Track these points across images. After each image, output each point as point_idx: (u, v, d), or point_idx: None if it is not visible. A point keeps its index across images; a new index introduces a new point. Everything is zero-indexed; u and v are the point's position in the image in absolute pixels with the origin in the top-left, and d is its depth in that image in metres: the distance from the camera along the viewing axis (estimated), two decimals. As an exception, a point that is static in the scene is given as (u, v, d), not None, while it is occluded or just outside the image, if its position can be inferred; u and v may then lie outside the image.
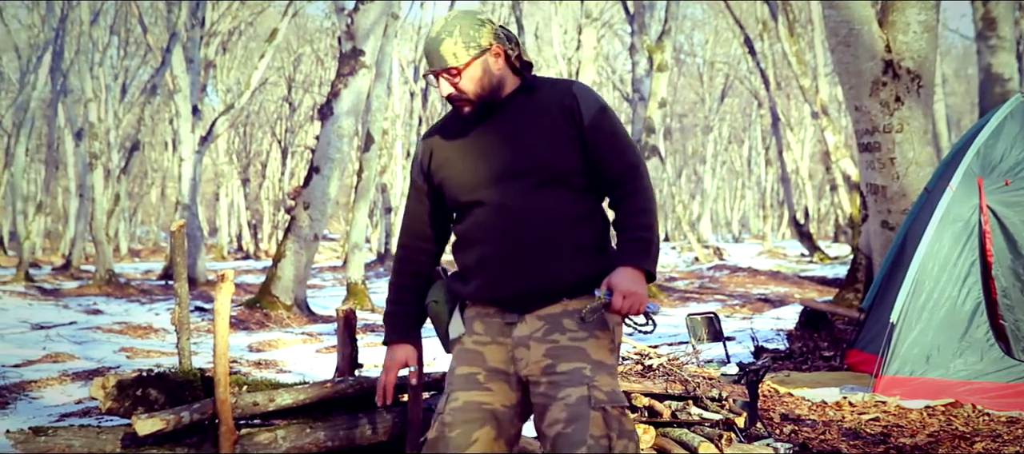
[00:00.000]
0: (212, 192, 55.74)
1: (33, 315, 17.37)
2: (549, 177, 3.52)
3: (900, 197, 10.17)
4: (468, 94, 3.55)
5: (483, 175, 3.55)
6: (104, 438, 3.83)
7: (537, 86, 3.65)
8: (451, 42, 3.51)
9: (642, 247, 3.49)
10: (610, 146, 3.58)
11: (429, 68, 3.57)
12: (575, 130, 3.55)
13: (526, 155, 3.52)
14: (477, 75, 3.55)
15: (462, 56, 3.52)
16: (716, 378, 5.36)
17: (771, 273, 25.92)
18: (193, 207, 26.45)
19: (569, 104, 3.57)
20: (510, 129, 3.58)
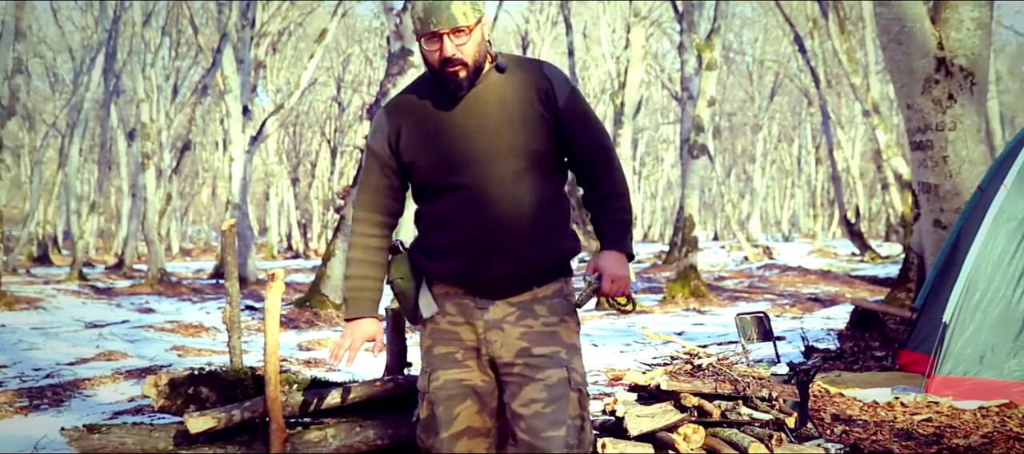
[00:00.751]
0: (262, 192, 56.08)
1: (87, 313, 17.57)
2: (527, 160, 3.54)
3: (953, 196, 10.06)
4: (467, 59, 3.50)
5: (462, 157, 3.53)
6: (156, 436, 3.86)
7: (508, 66, 3.62)
8: (460, 2, 3.47)
9: (622, 229, 3.60)
10: (583, 128, 3.63)
11: (431, 28, 3.47)
12: (550, 112, 3.57)
13: (506, 138, 3.52)
14: (479, 40, 3.54)
15: (470, 17, 3.49)
16: (766, 378, 5.33)
17: (821, 272, 25.72)
18: (243, 206, 26.63)
19: (544, 86, 3.58)
20: (488, 110, 3.55)
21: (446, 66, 3.49)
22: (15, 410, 8.68)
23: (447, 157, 3.55)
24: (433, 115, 3.60)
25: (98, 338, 13.79)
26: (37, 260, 36.21)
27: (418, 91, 3.69)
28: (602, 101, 47.82)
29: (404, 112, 3.67)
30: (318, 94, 50.68)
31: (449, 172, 3.54)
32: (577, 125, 3.62)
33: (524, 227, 3.52)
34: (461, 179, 3.53)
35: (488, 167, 3.51)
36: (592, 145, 3.65)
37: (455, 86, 3.53)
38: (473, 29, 3.50)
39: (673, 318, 16.92)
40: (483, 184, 3.51)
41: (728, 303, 19.29)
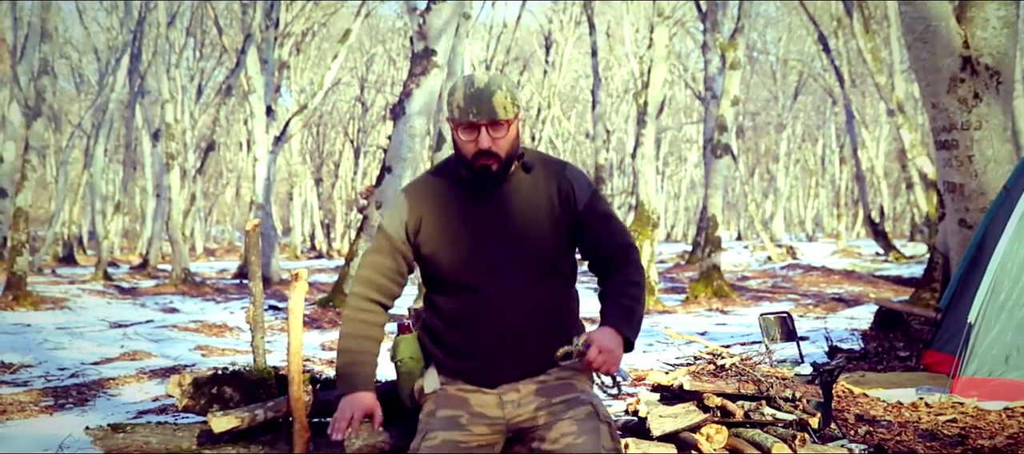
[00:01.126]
0: (286, 192, 56.26)
1: (111, 313, 17.66)
2: (544, 264, 3.57)
3: (978, 195, 10.00)
4: (501, 153, 3.51)
5: (482, 260, 3.55)
6: (180, 435, 3.88)
7: (535, 165, 3.64)
8: (502, 95, 3.48)
9: (627, 314, 3.54)
10: (604, 229, 3.65)
11: (470, 118, 3.47)
12: (569, 215, 3.60)
13: (528, 243, 3.55)
14: (513, 136, 3.54)
15: (511, 111, 3.50)
16: (789, 378, 5.30)
17: (845, 272, 25.63)
18: (267, 207, 26.71)
19: (566, 189, 3.61)
20: (511, 210, 3.57)
21: (479, 158, 3.50)
22: (40, 409, 8.73)
23: (467, 258, 3.57)
24: (456, 209, 3.61)
25: (123, 338, 13.86)
26: (62, 260, 36.41)
27: (441, 179, 3.68)
28: (625, 101, 47.77)
29: (426, 201, 3.67)
30: (341, 94, 50.80)
31: (468, 273, 3.57)
32: (598, 226, 3.65)
33: (538, 331, 3.57)
34: (479, 282, 3.55)
35: (507, 273, 3.55)
36: (613, 245, 3.67)
37: (484, 179, 3.53)
38: (511, 123, 3.51)
39: (696, 318, 16.88)
40: (500, 290, 3.54)
41: (751, 303, 19.24)
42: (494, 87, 3.47)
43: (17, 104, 19.35)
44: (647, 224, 19.17)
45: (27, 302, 17.55)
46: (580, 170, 3.73)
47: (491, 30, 43.88)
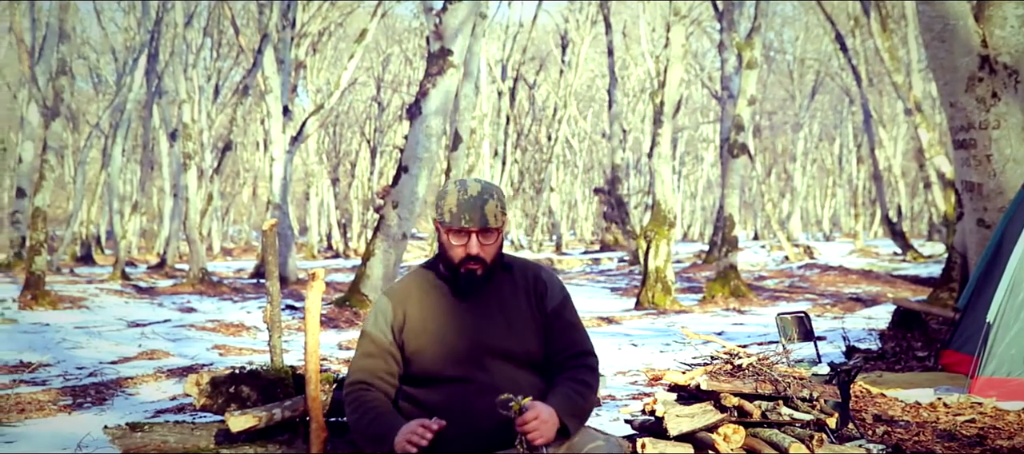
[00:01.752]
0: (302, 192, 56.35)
1: (129, 313, 17.72)
2: (524, 359, 3.68)
3: (997, 195, 9.96)
4: (488, 258, 3.67)
5: (466, 353, 3.65)
6: (198, 434, 3.89)
7: (513, 267, 3.80)
8: (494, 204, 3.64)
9: (573, 404, 3.59)
10: (569, 334, 3.77)
11: (462, 224, 3.61)
12: (541, 316, 3.72)
13: (509, 339, 3.67)
14: (500, 243, 3.71)
15: (499, 220, 3.67)
16: (807, 378, 5.29)
17: (863, 272, 25.55)
18: (284, 206, 26.77)
19: (541, 290, 3.76)
20: (493, 310, 3.70)
21: (467, 262, 3.65)
22: (59, 408, 8.76)
23: (452, 350, 3.66)
24: (439, 306, 3.73)
25: (140, 337, 13.90)
26: (80, 260, 36.53)
27: (423, 279, 3.82)
28: (642, 100, 47.72)
29: (410, 301, 3.77)
30: (358, 94, 50.89)
31: (452, 365, 3.65)
32: (563, 330, 3.77)
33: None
34: (464, 372, 3.64)
35: (491, 364, 3.65)
36: (574, 351, 3.77)
37: (469, 282, 3.68)
38: (500, 231, 3.68)
39: (713, 318, 16.86)
40: (485, 380, 3.63)
41: (768, 303, 19.20)
42: (486, 196, 3.64)
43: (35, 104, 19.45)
44: (663, 223, 19.15)
45: (46, 301, 17.62)
46: (555, 276, 3.90)
47: (507, 30, 43.89)
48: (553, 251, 45.37)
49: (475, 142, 36.58)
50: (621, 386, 9.54)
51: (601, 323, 16.17)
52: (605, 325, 15.96)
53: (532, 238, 51.81)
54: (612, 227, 39.96)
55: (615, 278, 28.15)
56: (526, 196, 52.75)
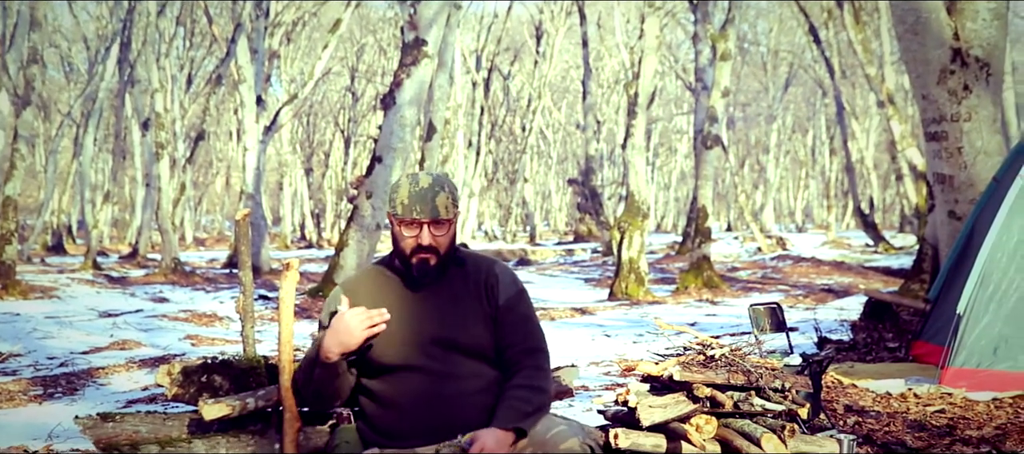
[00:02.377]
0: (276, 181, 56.19)
1: (101, 303, 17.65)
2: (475, 352, 3.70)
3: (968, 187, 10.03)
4: (441, 249, 3.71)
5: (418, 344, 3.69)
6: (170, 424, 3.88)
7: (466, 261, 3.83)
8: (444, 196, 3.69)
9: (519, 411, 3.58)
10: (520, 328, 3.77)
11: (413, 215, 3.66)
12: (492, 309, 3.74)
13: (458, 329, 3.70)
14: (452, 234, 3.75)
15: (451, 211, 3.71)
16: (779, 369, 5.31)
17: (835, 263, 25.68)
18: (257, 196, 26.68)
19: (491, 283, 3.78)
20: (444, 302, 3.73)
21: (419, 252, 3.69)
22: (29, 398, 8.72)
23: (403, 341, 3.69)
24: (392, 298, 3.76)
25: (112, 327, 13.84)
26: (51, 249, 36.34)
27: (377, 273, 3.86)
28: (616, 91, 47.78)
29: (362, 292, 3.81)
30: (332, 84, 50.78)
31: (403, 355, 3.69)
32: (513, 324, 3.78)
33: (474, 408, 3.64)
34: (415, 362, 3.68)
35: (440, 354, 3.68)
36: (526, 346, 3.77)
37: (422, 274, 3.72)
38: (451, 223, 3.72)
39: (686, 308, 16.91)
40: (435, 369, 3.67)
41: (741, 294, 19.28)
42: (437, 188, 3.68)
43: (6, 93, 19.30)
44: (637, 214, 19.18)
45: (16, 291, 17.52)
46: (509, 270, 3.91)
47: (482, 20, 43.87)
48: (527, 242, 45.41)
49: (449, 132, 36.54)
50: (594, 377, 9.56)
51: (574, 314, 16.19)
52: (578, 316, 15.99)
53: (506, 229, 51.84)
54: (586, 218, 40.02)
55: (589, 269, 28.20)
56: (500, 187, 52.80)
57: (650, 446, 5.05)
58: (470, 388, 3.67)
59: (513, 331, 3.75)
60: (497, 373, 3.74)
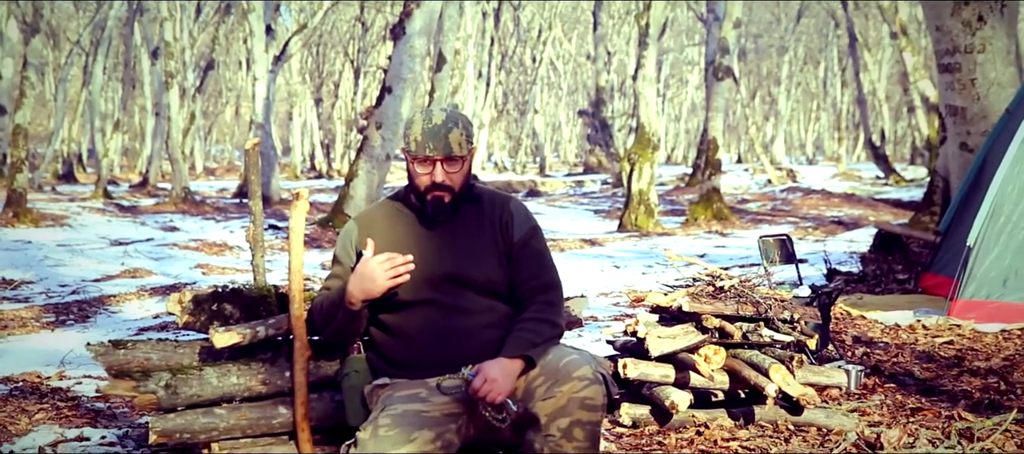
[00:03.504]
0: (285, 112, 56.08)
1: (112, 231, 17.70)
2: (488, 288, 3.70)
3: (980, 118, 9.97)
4: (454, 186, 3.69)
5: (430, 278, 3.68)
6: (181, 352, 3.90)
7: (482, 197, 3.82)
8: (458, 132, 3.65)
9: (527, 341, 3.57)
10: (533, 264, 3.76)
11: (427, 152, 3.63)
12: (506, 246, 3.74)
13: (471, 266, 3.70)
14: (466, 171, 3.73)
15: (465, 148, 3.67)
16: (788, 300, 5.32)
17: (845, 196, 25.63)
18: (267, 126, 26.64)
19: (506, 220, 3.77)
20: (458, 238, 3.73)
21: (433, 190, 3.68)
22: (42, 325, 8.77)
23: (417, 277, 3.67)
24: (405, 232, 3.76)
25: (123, 255, 13.90)
26: (62, 178, 36.40)
27: (392, 207, 3.84)
28: (627, 22, 47.46)
29: (376, 226, 3.81)
30: (341, 13, 50.39)
31: (415, 288, 3.68)
32: (527, 260, 3.77)
33: (485, 342, 3.63)
34: (426, 296, 3.68)
35: (453, 290, 3.68)
36: (539, 281, 3.76)
37: (437, 210, 3.71)
38: (466, 159, 3.69)
39: (695, 240, 16.92)
40: (449, 304, 3.68)
41: (751, 226, 19.27)
42: (451, 124, 3.64)
43: (15, 20, 19.24)
44: (647, 147, 19.13)
45: (27, 219, 17.57)
46: (524, 207, 3.90)
47: (492, -50, 43.48)
48: (537, 173, 45.35)
49: (459, 63, 36.38)
50: (603, 307, 9.59)
51: (584, 245, 16.21)
52: (588, 247, 16.01)
53: (516, 160, 51.73)
54: (596, 150, 39.95)
55: (598, 200, 28.18)
56: (510, 118, 52.64)
57: (659, 376, 5.08)
58: (481, 322, 3.68)
59: (526, 267, 3.74)
60: (509, 309, 3.74)
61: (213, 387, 3.80)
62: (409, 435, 3.41)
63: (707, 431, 5.12)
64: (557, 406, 3.46)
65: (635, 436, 5.09)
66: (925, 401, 5.73)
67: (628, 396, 5.23)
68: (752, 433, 5.13)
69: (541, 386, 3.52)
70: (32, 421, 5.40)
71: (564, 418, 3.45)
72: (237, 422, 3.81)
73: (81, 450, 4.90)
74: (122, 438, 5.09)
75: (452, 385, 3.49)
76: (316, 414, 3.89)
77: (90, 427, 5.30)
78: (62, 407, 5.70)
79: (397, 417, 3.47)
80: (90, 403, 5.83)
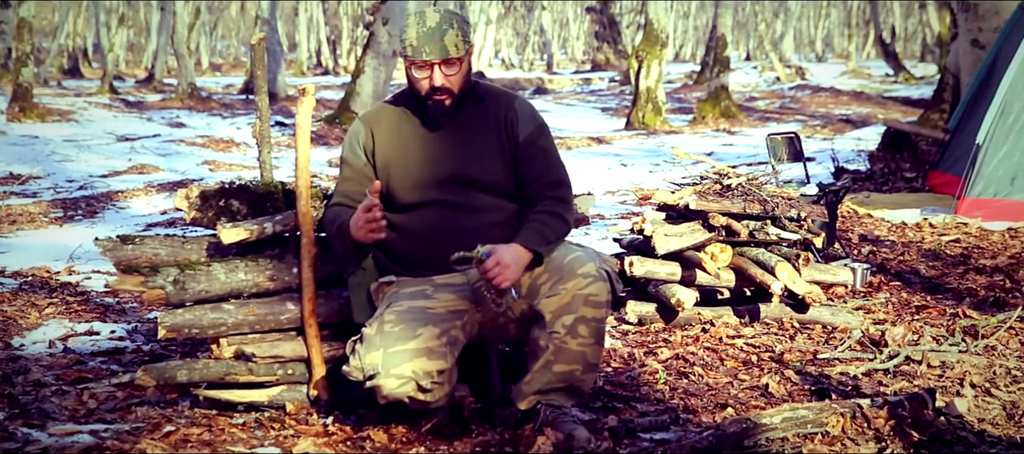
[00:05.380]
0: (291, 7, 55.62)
1: (118, 127, 17.68)
2: (494, 188, 3.69)
3: (992, 15, 9.88)
4: (454, 89, 3.64)
5: (436, 180, 3.68)
6: (189, 248, 3.91)
7: (485, 96, 3.76)
8: (453, 34, 3.59)
9: (539, 233, 3.56)
10: (540, 161, 3.72)
11: (423, 56, 3.58)
12: (511, 145, 3.70)
13: (476, 166, 3.68)
14: (465, 71, 3.67)
15: (461, 49, 3.61)
16: (795, 198, 5.32)
17: (854, 93, 25.49)
18: (273, 22, 26.47)
19: (511, 119, 3.72)
20: (462, 138, 3.70)
21: (433, 94, 3.63)
22: (50, 220, 8.81)
23: (420, 176, 3.69)
24: (410, 134, 3.73)
25: (130, 151, 13.90)
26: (68, 73, 36.24)
27: (396, 107, 3.80)
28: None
29: (381, 126, 3.78)
30: (347, -94, 49.87)
31: (421, 190, 3.68)
32: (534, 158, 3.72)
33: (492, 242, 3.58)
34: (432, 197, 3.68)
35: (458, 191, 3.67)
36: (548, 179, 3.72)
37: (438, 113, 3.67)
38: (463, 60, 3.63)
39: (703, 138, 16.88)
40: (455, 204, 3.67)
41: (759, 124, 19.20)
42: (445, 26, 3.59)
43: (17, -87, 19.02)
44: (655, 43, 18.99)
45: (34, 114, 17.54)
46: (529, 105, 3.84)
47: None
48: (544, 70, 45.09)
49: (466, -43, 36.02)
50: (610, 205, 9.60)
51: (591, 143, 16.18)
52: (595, 145, 15.98)
53: (523, 57, 51.47)
54: (603, 47, 39.64)
55: (606, 98, 28.05)
56: (517, 14, 52.24)
57: (665, 274, 5.10)
58: (488, 221, 3.68)
59: (533, 165, 3.71)
60: (516, 207, 3.73)
61: (221, 283, 3.82)
62: (414, 331, 3.44)
63: (713, 328, 5.15)
64: (561, 303, 3.48)
65: (641, 333, 5.12)
66: (930, 299, 5.76)
67: (634, 294, 5.25)
68: (758, 331, 5.16)
69: (546, 283, 3.53)
70: (42, 315, 5.45)
71: (568, 315, 3.47)
72: (245, 318, 3.84)
73: (91, 344, 4.94)
74: (131, 333, 5.13)
75: (463, 258, 3.48)
76: (323, 311, 3.91)
77: (99, 322, 5.35)
78: (71, 302, 5.75)
79: (402, 313, 3.50)
80: (99, 298, 5.87)
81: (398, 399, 3.46)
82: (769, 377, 4.42)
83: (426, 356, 3.43)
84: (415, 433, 3.68)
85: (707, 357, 4.76)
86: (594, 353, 3.55)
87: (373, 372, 3.42)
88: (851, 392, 4.19)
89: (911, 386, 4.28)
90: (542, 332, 3.51)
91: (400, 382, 3.41)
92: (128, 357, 4.70)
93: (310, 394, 3.93)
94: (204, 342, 4.12)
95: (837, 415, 3.64)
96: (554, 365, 3.53)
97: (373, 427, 3.73)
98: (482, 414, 3.86)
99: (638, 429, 3.79)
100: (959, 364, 4.53)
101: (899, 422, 3.63)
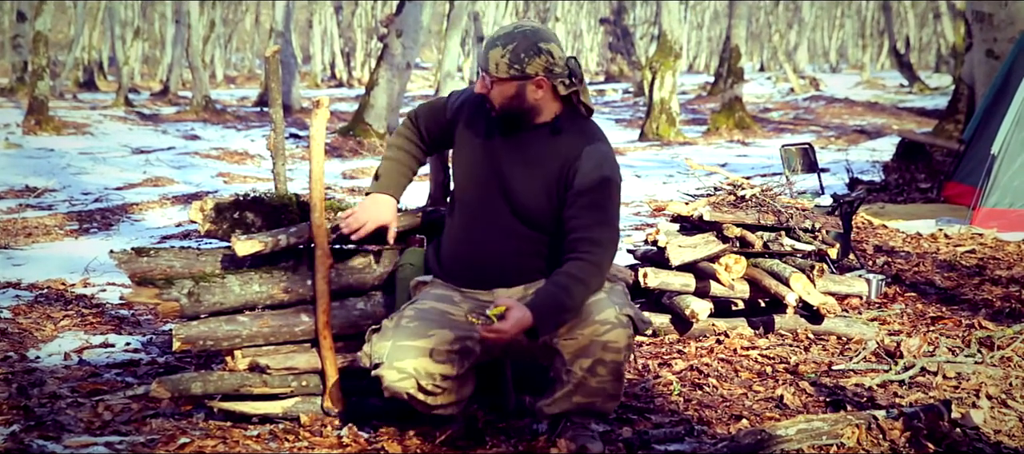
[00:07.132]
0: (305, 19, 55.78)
1: (133, 139, 17.74)
2: (528, 217, 3.66)
3: (1007, 25, 9.86)
4: (495, 102, 3.62)
5: (482, 188, 3.69)
6: (204, 260, 3.92)
7: (564, 131, 3.66)
8: (499, 52, 3.56)
9: (551, 306, 3.47)
10: (587, 215, 3.59)
11: (480, 64, 3.65)
12: (566, 187, 3.61)
13: (523, 193, 3.65)
14: (509, 94, 3.59)
15: (501, 70, 3.57)
16: (809, 209, 5.31)
17: (868, 104, 25.44)
18: (287, 34, 26.53)
19: (576, 162, 3.61)
20: (520, 160, 3.66)
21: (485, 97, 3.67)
22: (66, 233, 8.84)
23: (478, 180, 3.71)
24: (481, 133, 3.73)
25: (145, 164, 13.94)
26: (83, 85, 36.33)
27: (480, 106, 3.77)
28: (649, -73, 46.89)
29: (463, 112, 3.81)
30: (362, -81, 50.00)
31: (474, 189, 3.72)
32: (583, 209, 3.60)
33: (512, 263, 3.70)
34: (473, 201, 3.71)
35: (497, 203, 3.68)
36: (587, 235, 3.57)
37: (494, 119, 3.67)
38: (503, 83, 3.57)
39: (717, 149, 16.86)
40: (495, 214, 3.68)
41: (773, 134, 19.18)
42: (498, 44, 3.57)
43: (33, -73, 19.12)
44: (669, 54, 18.99)
45: (49, 127, 17.62)
46: (602, 156, 3.67)
47: None
48: (558, 81, 45.00)
49: (480, -31, 36.07)
50: (624, 217, 9.57)
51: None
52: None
53: (537, 68, 51.31)
54: (617, 58, 39.66)
55: (620, 109, 28.05)
56: (531, 25, 52.11)
57: (679, 285, 5.09)
58: (514, 248, 3.69)
59: (579, 215, 3.58)
60: (548, 239, 3.68)
61: (235, 295, 3.83)
62: (427, 330, 3.48)
63: (727, 340, 5.14)
64: (579, 346, 3.49)
65: (655, 344, 5.12)
66: (945, 310, 5.74)
67: (648, 305, 5.25)
68: (772, 342, 5.15)
69: (563, 326, 3.52)
70: (57, 327, 5.46)
71: (586, 358, 3.48)
72: (259, 329, 3.84)
73: (106, 356, 4.96)
74: (146, 345, 5.15)
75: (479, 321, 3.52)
76: (337, 322, 3.92)
77: (114, 333, 5.36)
78: (87, 314, 5.76)
79: (422, 311, 3.55)
80: (114, 310, 5.89)
81: (397, 394, 3.49)
82: (784, 388, 4.41)
83: (432, 357, 3.45)
84: (429, 445, 3.68)
85: (721, 368, 4.75)
86: (614, 388, 3.57)
87: (379, 361, 3.47)
88: (866, 403, 4.18)
89: (927, 397, 4.27)
90: (563, 366, 3.53)
91: (400, 376, 3.45)
92: (143, 369, 4.72)
93: (324, 406, 3.94)
94: (218, 354, 4.13)
95: (852, 427, 3.63)
96: (574, 396, 3.56)
97: (387, 439, 3.74)
98: (496, 426, 3.85)
99: (652, 441, 3.79)
100: (975, 375, 4.51)
101: (915, 434, 3.62)
